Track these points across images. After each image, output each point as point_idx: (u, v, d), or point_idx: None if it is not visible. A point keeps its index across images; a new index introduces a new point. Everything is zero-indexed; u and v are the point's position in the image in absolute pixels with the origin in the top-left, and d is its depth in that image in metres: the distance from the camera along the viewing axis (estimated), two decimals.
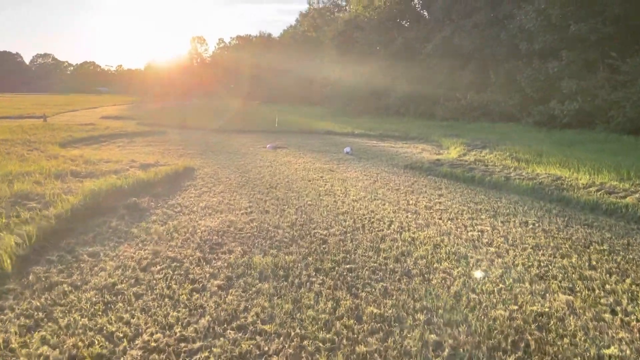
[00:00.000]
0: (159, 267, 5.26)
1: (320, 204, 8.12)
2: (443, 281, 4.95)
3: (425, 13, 36.23)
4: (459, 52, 28.19)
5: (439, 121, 27.42)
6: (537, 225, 7.04)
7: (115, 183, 8.59)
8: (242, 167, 12.15)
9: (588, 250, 5.92)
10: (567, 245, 6.09)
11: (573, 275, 5.12)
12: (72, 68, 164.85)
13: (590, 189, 9.16)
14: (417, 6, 36.43)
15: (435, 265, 5.39)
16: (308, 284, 4.86)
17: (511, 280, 4.98)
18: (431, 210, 7.85)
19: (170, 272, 5.12)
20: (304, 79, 49.54)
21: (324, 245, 5.99)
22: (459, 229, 6.78)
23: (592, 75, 19.78)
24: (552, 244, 6.14)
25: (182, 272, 5.13)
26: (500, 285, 4.86)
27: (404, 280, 4.98)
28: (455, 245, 6.07)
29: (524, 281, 4.97)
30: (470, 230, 6.71)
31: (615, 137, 17.38)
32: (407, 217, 7.41)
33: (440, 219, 7.35)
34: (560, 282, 4.96)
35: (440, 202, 8.44)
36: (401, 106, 32.48)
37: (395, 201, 8.47)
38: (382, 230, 6.69)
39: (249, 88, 70.10)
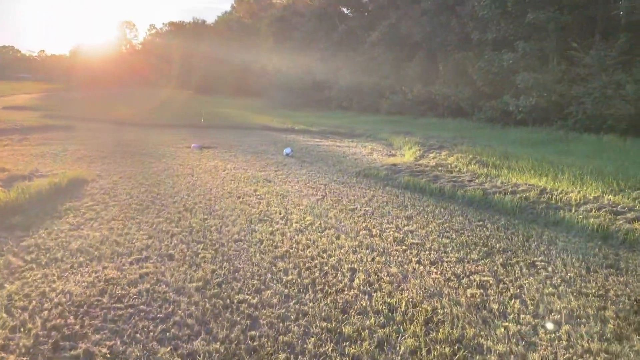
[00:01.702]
0: None
1: (251, 240, 5.77)
2: None
3: None
4: (405, 41, 26.50)
5: (385, 115, 25.68)
6: (569, 278, 5.06)
7: None
8: (153, 176, 9.53)
9: None
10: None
11: None
12: None
13: (587, 206, 7.40)
14: None
15: None
16: None
17: None
18: (403, 246, 5.71)
19: None
20: (240, 69, 46.45)
21: (252, 334, 3.67)
22: (451, 283, 4.68)
23: (549, 68, 18.56)
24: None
25: None
26: None
27: None
28: (457, 320, 3.94)
29: None
30: (468, 286, 4.62)
31: (576, 135, 16.18)
32: (373, 260, 5.23)
33: (419, 262, 5.22)
34: None
35: (411, 231, 6.32)
36: (344, 99, 30.49)
37: (354, 231, 6.27)
38: (343, 290, 4.45)
39: (182, 77, 65.80)
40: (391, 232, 6.23)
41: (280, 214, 7.00)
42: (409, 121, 22.83)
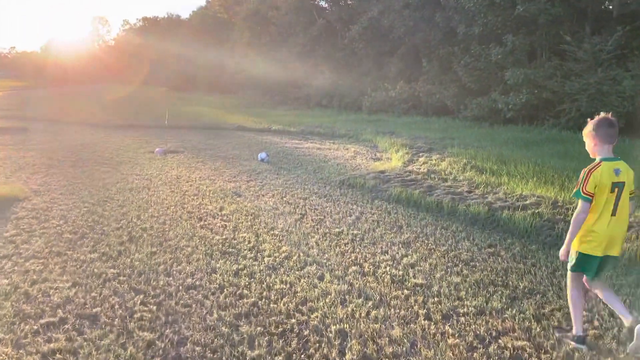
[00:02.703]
0: None
1: (208, 287, 4.44)
2: None
3: None
4: (387, 35, 25.25)
5: (367, 114, 24.44)
6: None
7: None
8: (101, 191, 8.09)
9: None
10: None
11: None
12: None
13: None
14: None
15: None
16: None
17: None
18: (404, 290, 4.46)
19: None
20: (215, 65, 44.66)
21: None
22: (476, 354, 3.44)
23: (539, 64, 17.56)
24: None
25: None
26: None
27: None
28: None
29: None
30: (500, 359, 3.38)
31: (570, 135, 15.17)
32: (368, 316, 3.96)
33: (427, 317, 3.97)
34: None
35: (412, 265, 5.08)
36: (324, 97, 29.14)
37: (341, 266, 5.00)
38: None
39: (155, 74, 63.55)
40: (388, 268, 4.97)
41: (249, 242, 5.68)
42: (393, 120, 21.63)
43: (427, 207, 7.53)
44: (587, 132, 3.46)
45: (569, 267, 3.58)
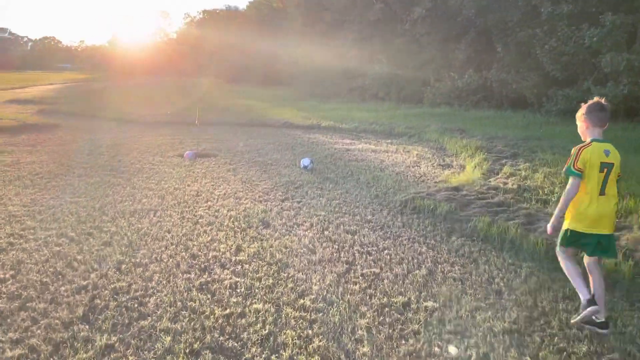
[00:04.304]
0: None
1: None
2: None
3: None
4: (454, 18, 22.36)
5: (429, 107, 21.81)
6: None
7: None
8: (92, 217, 6.27)
9: None
10: None
11: None
12: (31, 43, 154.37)
13: None
14: None
15: None
16: None
17: None
18: None
19: None
20: (268, 56, 43.03)
21: None
22: None
23: None
24: None
25: None
26: None
27: None
28: None
29: None
30: None
31: None
32: None
33: None
34: None
35: None
36: (380, 88, 26.62)
37: None
38: None
39: (213, 66, 63.17)
40: None
41: (262, 326, 3.62)
42: (460, 114, 18.93)
43: (531, 253, 5.19)
44: (580, 115, 3.75)
45: (558, 242, 3.81)
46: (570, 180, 3.62)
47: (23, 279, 4.33)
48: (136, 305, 3.90)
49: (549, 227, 3.77)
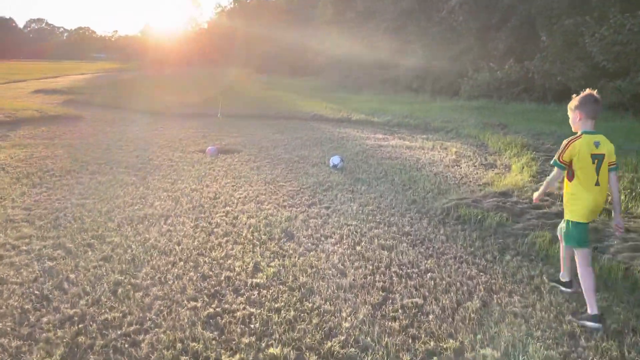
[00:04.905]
0: None
1: None
2: None
3: None
4: (494, 5, 21.10)
5: (467, 100, 20.67)
6: None
7: None
8: (97, 222, 5.64)
9: None
10: None
11: None
12: (67, 34, 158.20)
13: None
14: None
15: None
16: None
17: None
18: None
19: None
20: (298, 46, 42.28)
21: None
22: None
23: None
24: None
25: None
26: None
27: None
28: None
29: None
30: None
31: None
32: None
33: None
34: None
35: None
36: (414, 79, 25.52)
37: None
38: None
39: (243, 56, 62.85)
40: None
41: None
42: (500, 107, 17.78)
43: (604, 280, 4.28)
44: (573, 107, 3.71)
45: (576, 244, 3.67)
46: (555, 170, 3.75)
47: (2, 305, 3.69)
48: (127, 346, 3.20)
49: (535, 195, 4.13)
